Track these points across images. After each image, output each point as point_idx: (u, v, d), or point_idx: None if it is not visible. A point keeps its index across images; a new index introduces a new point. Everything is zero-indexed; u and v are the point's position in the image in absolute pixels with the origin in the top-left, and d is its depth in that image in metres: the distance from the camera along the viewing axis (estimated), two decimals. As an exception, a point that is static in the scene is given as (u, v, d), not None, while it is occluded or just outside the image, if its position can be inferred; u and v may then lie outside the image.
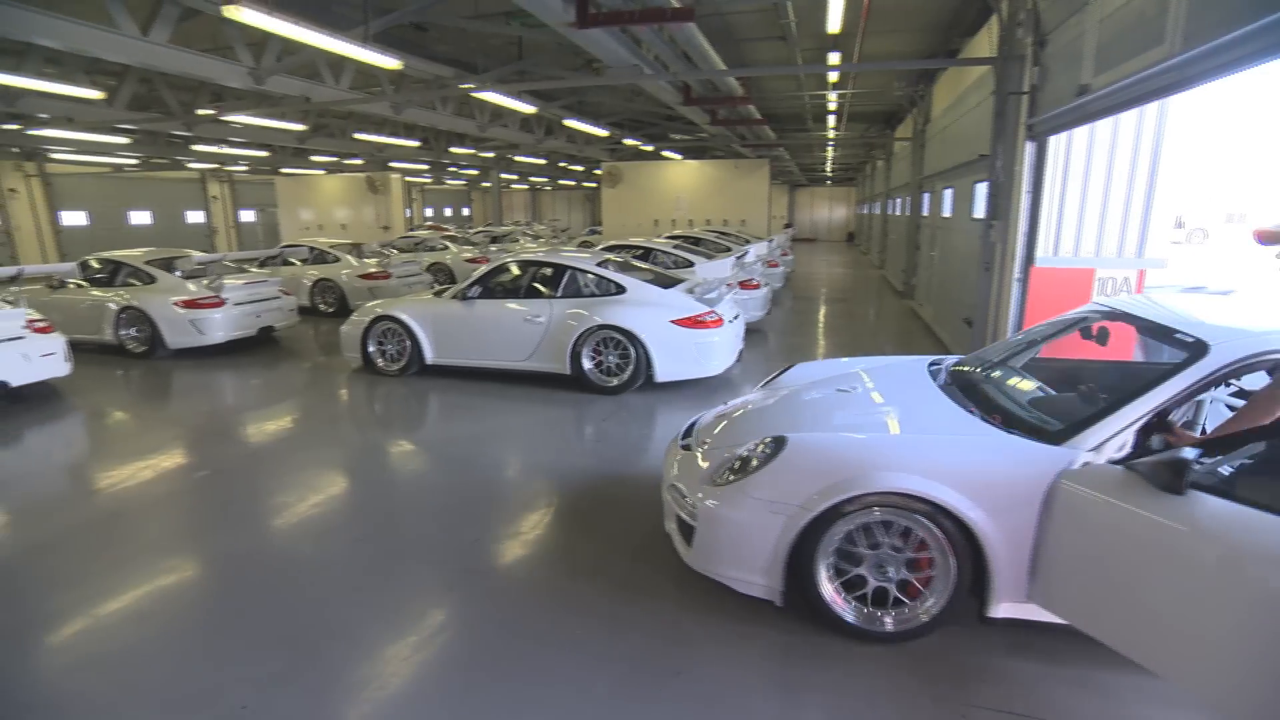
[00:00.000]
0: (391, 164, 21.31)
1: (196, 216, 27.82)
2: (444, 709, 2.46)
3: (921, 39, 10.02)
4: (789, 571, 2.76)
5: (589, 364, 6.40)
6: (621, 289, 6.54)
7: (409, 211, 24.94)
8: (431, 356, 7.02)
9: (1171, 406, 2.46)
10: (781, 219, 34.64)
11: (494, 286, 6.96)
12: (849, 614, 2.76)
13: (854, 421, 3.18)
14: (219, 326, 8.13)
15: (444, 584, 3.30)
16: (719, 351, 6.39)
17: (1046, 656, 2.69)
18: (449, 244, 15.22)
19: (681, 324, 6.21)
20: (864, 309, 12.73)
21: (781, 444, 2.83)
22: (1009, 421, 2.81)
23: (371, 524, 3.95)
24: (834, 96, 13.58)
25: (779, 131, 18.36)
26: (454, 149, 18.26)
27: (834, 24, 6.83)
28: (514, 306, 6.69)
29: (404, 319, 6.98)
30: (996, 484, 2.56)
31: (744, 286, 8.80)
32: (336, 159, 20.25)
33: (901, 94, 14.02)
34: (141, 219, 25.51)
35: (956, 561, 2.61)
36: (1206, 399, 3.23)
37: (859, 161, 27.77)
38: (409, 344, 7.01)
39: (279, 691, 2.53)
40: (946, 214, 10.00)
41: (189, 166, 23.12)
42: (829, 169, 30.92)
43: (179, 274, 8.40)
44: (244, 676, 2.61)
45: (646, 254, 9.63)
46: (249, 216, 29.82)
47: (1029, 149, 5.67)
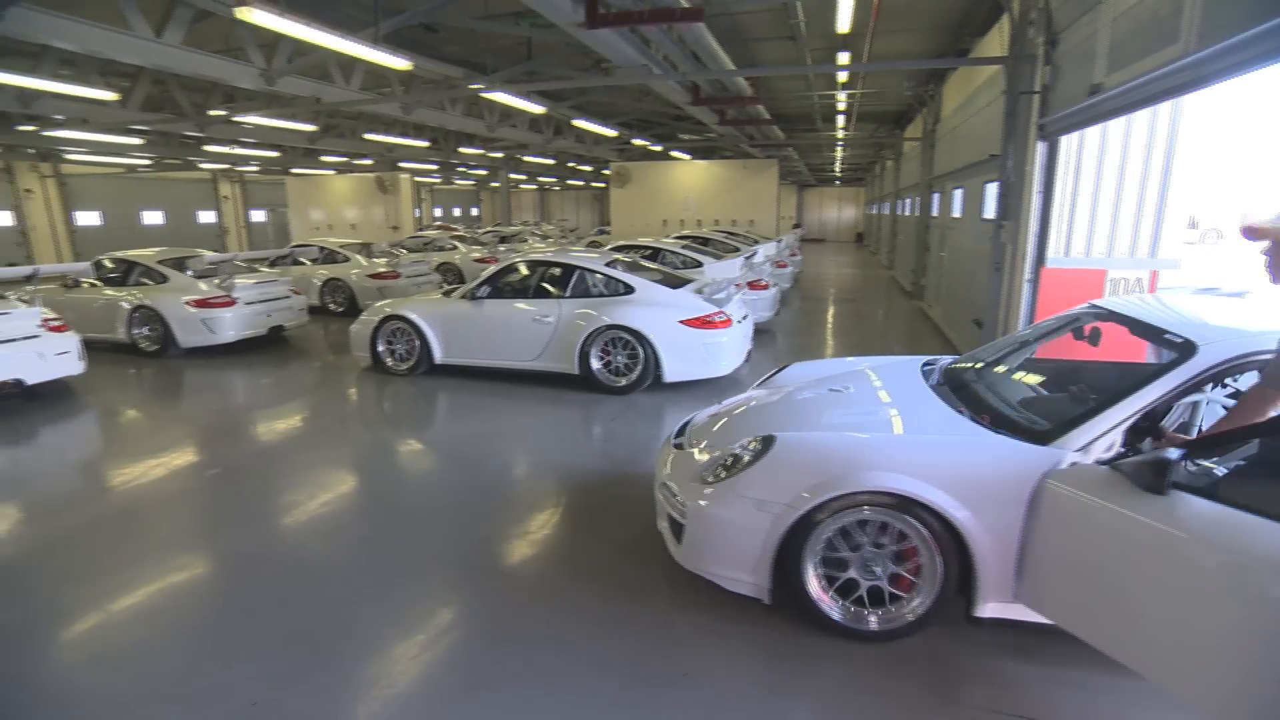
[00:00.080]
0: (401, 164, 21.42)
1: (208, 216, 28.05)
2: (451, 708, 2.46)
3: (932, 38, 9.97)
4: (777, 570, 2.77)
5: (597, 364, 6.40)
6: (630, 289, 6.54)
7: (418, 211, 25.04)
8: (440, 356, 7.05)
9: (1160, 407, 2.45)
10: (790, 219, 34.53)
11: (503, 286, 6.97)
12: (835, 612, 2.77)
13: (843, 421, 3.20)
14: (230, 325, 8.19)
15: (452, 583, 3.31)
16: (728, 352, 6.38)
17: (1030, 656, 2.69)
18: (458, 244, 15.27)
19: (690, 324, 6.21)
20: (872, 309, 12.68)
21: (770, 443, 2.85)
22: (998, 421, 2.81)
23: (380, 523, 3.97)
24: (843, 96, 13.53)
25: (788, 132, 18.31)
26: (463, 149, 18.32)
27: (844, 24, 6.81)
28: (523, 306, 6.71)
29: (413, 319, 7.00)
30: (983, 483, 2.56)
31: (752, 287, 8.79)
32: (346, 159, 20.36)
33: (911, 94, 13.97)
34: (154, 219, 25.75)
35: (943, 561, 2.61)
36: (1202, 400, 3.22)
37: (868, 161, 27.66)
38: (418, 343, 7.04)
39: (288, 689, 2.54)
40: (956, 214, 9.94)
41: (201, 167, 23.32)
42: (838, 169, 30.81)
43: (191, 273, 8.47)
44: (253, 673, 2.63)
45: (655, 254, 9.62)
46: (259, 216, 30.04)
47: (1040, 149, 5.62)
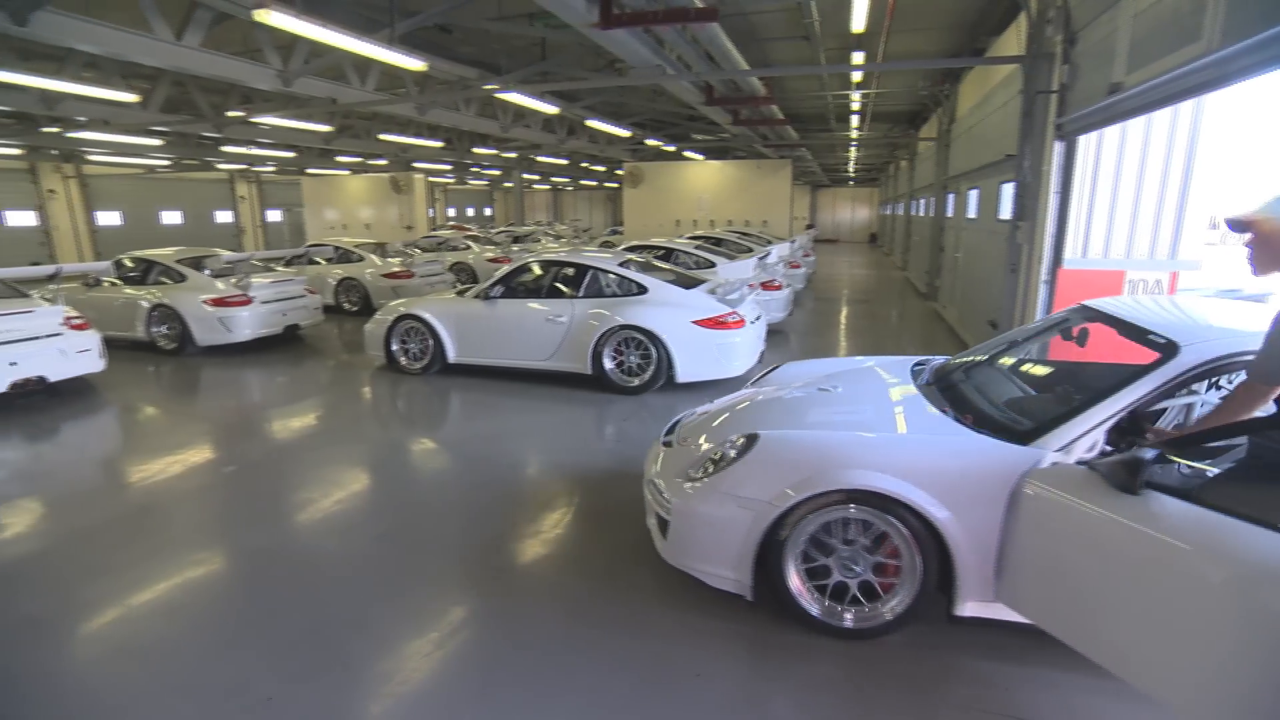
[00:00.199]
0: (415, 164, 21.55)
1: (225, 216, 28.36)
2: (464, 705, 2.48)
3: (947, 38, 9.89)
4: (759, 566, 2.79)
5: (610, 364, 6.41)
6: (643, 289, 6.54)
7: (432, 211, 25.19)
8: (454, 355, 7.08)
9: (1141, 407, 2.45)
10: (803, 220, 34.39)
11: (516, 286, 7.00)
12: (815, 608, 2.79)
13: (828, 419, 3.21)
14: (246, 324, 8.28)
15: (465, 582, 3.32)
16: (741, 352, 6.37)
17: (1010, 655, 2.69)
18: (471, 244, 15.35)
19: (703, 324, 6.20)
20: (886, 310, 12.60)
21: (753, 441, 2.88)
22: (980, 421, 2.82)
23: (394, 521, 4.00)
24: (857, 96, 13.45)
25: (801, 132, 18.24)
26: (477, 149, 18.40)
27: (858, 23, 6.77)
28: (536, 306, 6.73)
29: (427, 318, 7.05)
30: (962, 483, 2.56)
31: (766, 287, 8.76)
32: (361, 159, 20.51)
33: (926, 94, 13.86)
34: (173, 219, 26.08)
35: (922, 559, 2.62)
36: (1196, 402, 3.20)
37: (882, 162, 27.49)
38: (432, 343, 7.08)
39: (303, 684, 2.57)
40: (971, 215, 9.86)
41: (218, 167, 23.60)
42: (852, 169, 30.63)
43: (208, 273, 8.57)
44: (269, 669, 2.66)
45: (668, 254, 9.61)
46: (275, 216, 30.33)
47: (1058, 149, 5.56)
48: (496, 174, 28.58)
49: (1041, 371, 3.55)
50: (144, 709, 2.48)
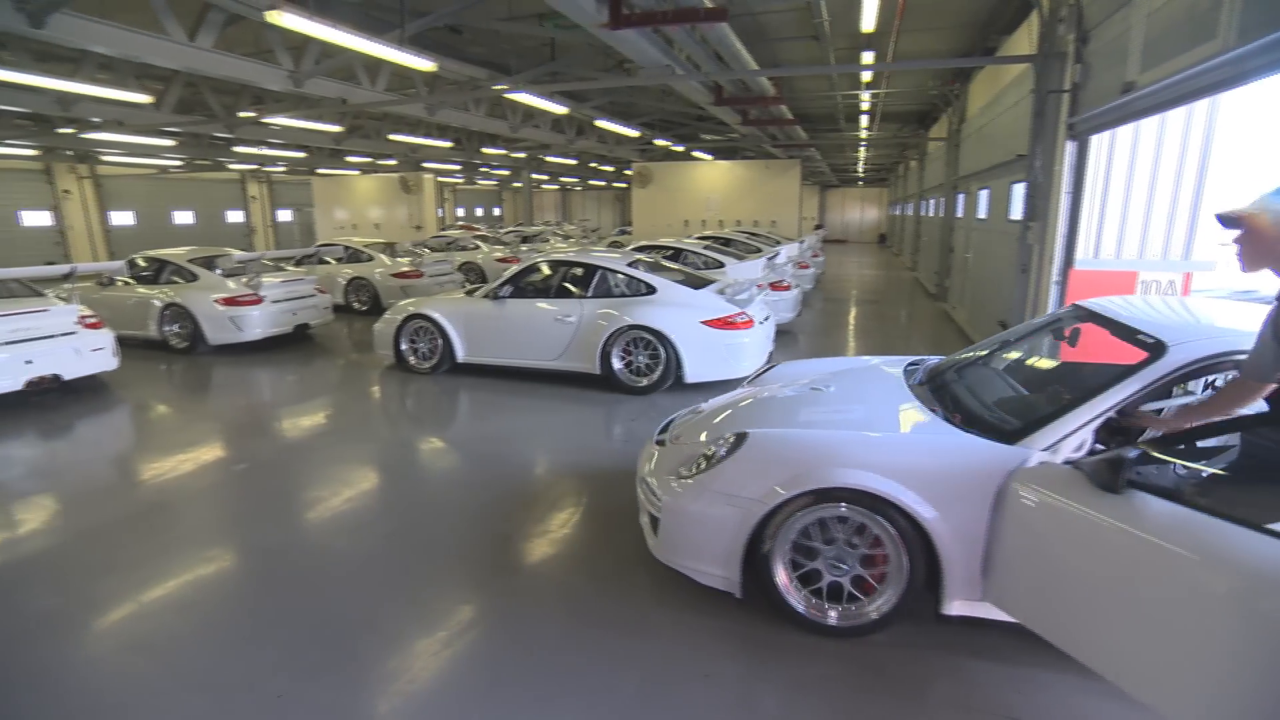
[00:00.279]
0: (425, 164, 21.62)
1: (236, 216, 28.57)
2: (472, 704, 2.48)
3: (957, 37, 9.84)
4: (747, 564, 2.80)
5: (619, 364, 6.41)
6: (652, 289, 6.54)
7: (441, 211, 25.28)
8: (463, 355, 7.11)
9: (1129, 406, 2.45)
10: (812, 220, 34.29)
11: (525, 286, 7.01)
12: (801, 605, 2.80)
13: (819, 418, 3.21)
14: (257, 323, 8.34)
15: (473, 581, 3.34)
16: (749, 353, 6.35)
17: (997, 655, 2.69)
18: (480, 244, 15.39)
19: (712, 325, 6.19)
20: (895, 311, 12.55)
21: (742, 439, 2.90)
22: (969, 421, 2.82)
23: (403, 520, 4.02)
24: (867, 96, 13.40)
25: (811, 132, 18.18)
26: (486, 149, 18.45)
27: (868, 23, 6.75)
28: (544, 306, 6.74)
29: (436, 317, 7.08)
30: (948, 482, 2.57)
31: (774, 288, 8.75)
32: (371, 160, 20.62)
33: (936, 93, 13.79)
34: (185, 219, 26.29)
35: (909, 558, 2.62)
36: (1193, 402, 3.16)
37: (892, 162, 27.37)
38: (441, 342, 7.11)
39: (313, 681, 2.59)
40: (982, 215, 9.79)
41: (230, 168, 23.79)
42: (861, 169, 30.54)
43: (219, 272, 8.63)
44: (279, 666, 2.68)
45: (677, 254, 9.62)
46: (286, 216, 30.53)
47: (1070, 148, 5.52)
48: (505, 174, 28.66)
49: (1034, 371, 3.55)
50: (156, 704, 2.50)
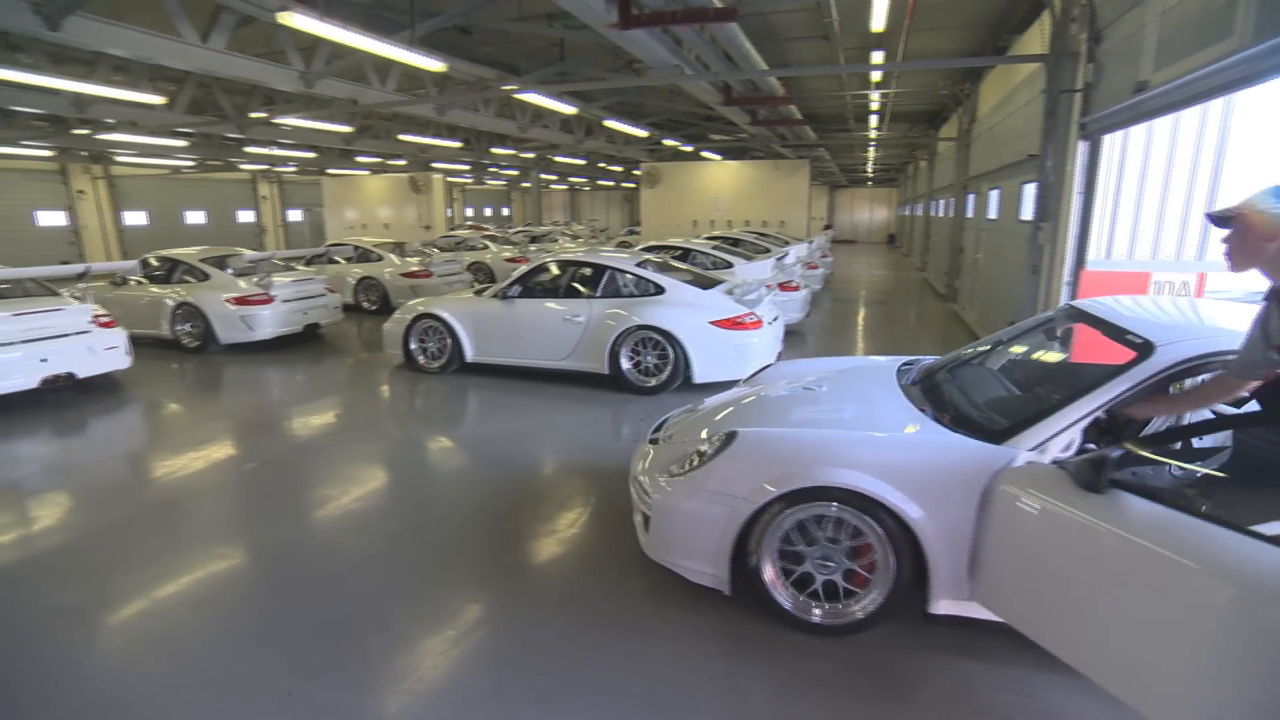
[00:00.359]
0: (434, 165, 21.72)
1: (247, 216, 28.78)
2: (479, 703, 2.49)
3: (968, 36, 9.78)
4: (735, 562, 2.83)
5: (627, 364, 6.41)
6: (660, 289, 6.54)
7: (450, 211, 25.36)
8: (471, 354, 7.13)
9: (1116, 406, 2.45)
10: (821, 220, 34.19)
11: (534, 286, 7.03)
12: (788, 603, 2.81)
13: (809, 418, 3.22)
14: (267, 323, 8.40)
15: (481, 580, 3.35)
16: (758, 353, 6.32)
17: (984, 654, 2.69)
18: (489, 243, 15.44)
19: (720, 325, 6.18)
20: (904, 311, 12.49)
21: (731, 438, 2.92)
22: (958, 421, 2.82)
23: (411, 519, 4.03)
24: (877, 96, 13.34)
25: (820, 132, 18.13)
26: (495, 150, 18.50)
27: (878, 22, 6.73)
28: (553, 306, 6.75)
29: (445, 317, 7.10)
30: (936, 481, 2.57)
31: (783, 288, 8.72)
32: (381, 160, 20.71)
33: (946, 93, 13.72)
34: (196, 219, 26.51)
35: (895, 557, 2.63)
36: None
37: (901, 162, 27.24)
38: (450, 342, 7.13)
39: (322, 679, 2.60)
40: (992, 215, 9.74)
41: (241, 168, 23.96)
42: (870, 170, 30.40)
43: (231, 271, 8.69)
44: (289, 663, 2.69)
45: (685, 254, 9.60)
46: (296, 216, 30.73)
47: (1082, 148, 5.48)
48: (514, 174, 28.71)
49: (1027, 371, 3.54)
50: (167, 700, 2.52)
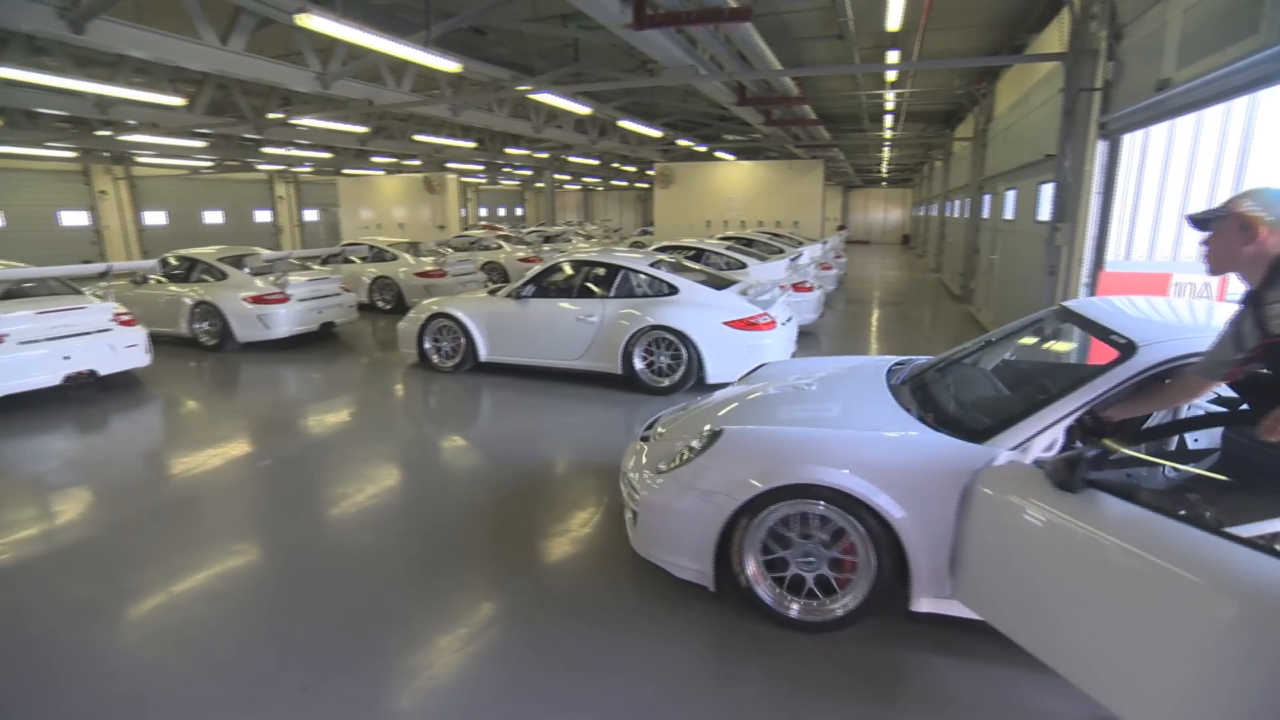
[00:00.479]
0: (448, 165, 21.83)
1: (264, 216, 29.08)
2: (492, 701, 2.50)
3: (985, 35, 9.69)
4: (720, 558, 2.85)
5: (640, 364, 6.41)
6: (674, 290, 6.54)
7: (464, 211, 25.49)
8: (485, 354, 7.16)
9: (1099, 406, 2.45)
10: (835, 221, 34.01)
11: (547, 286, 7.04)
12: (769, 598, 2.83)
13: (795, 416, 3.24)
14: (284, 322, 8.47)
15: (495, 579, 3.36)
16: (771, 354, 6.28)
17: (965, 651, 2.69)
18: (503, 243, 15.50)
19: (734, 326, 6.17)
20: (919, 313, 12.40)
21: (717, 436, 2.96)
22: (941, 420, 2.82)
23: (426, 517, 4.06)
24: (892, 96, 13.25)
25: (834, 132, 18.04)
26: (509, 150, 18.57)
27: (894, 21, 6.69)
28: (567, 306, 6.76)
29: (459, 316, 7.13)
30: (916, 480, 2.59)
31: (797, 289, 8.68)
32: (396, 160, 20.86)
33: (962, 93, 13.61)
34: (214, 218, 26.83)
35: (876, 555, 2.64)
36: (1195, 400, 3.09)
37: (916, 162, 27.05)
38: (463, 341, 7.16)
39: (337, 674, 2.62)
40: (1009, 216, 9.64)
41: (258, 168, 24.23)
42: (884, 170, 30.20)
43: (248, 271, 8.78)
44: (304, 658, 2.72)
45: (699, 255, 9.58)
46: (312, 216, 31.02)
47: (1101, 148, 5.42)
48: (528, 174, 28.81)
49: (1016, 371, 3.52)
50: (185, 692, 2.55)
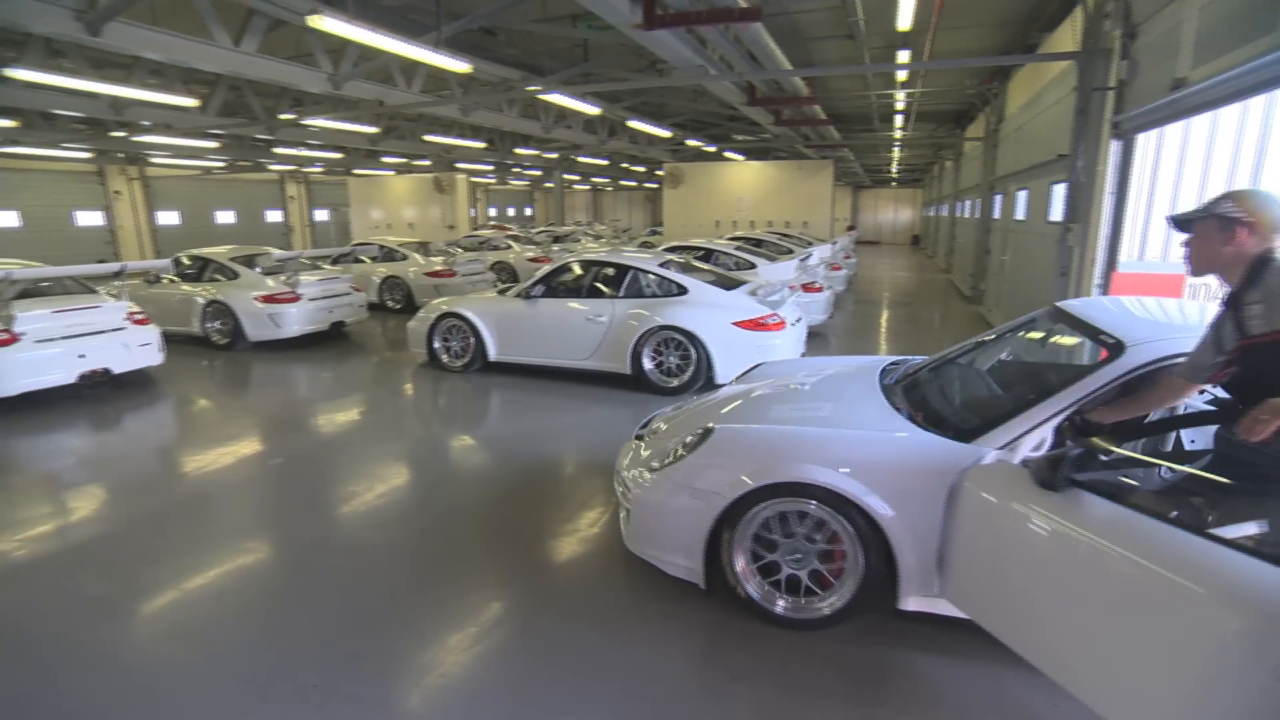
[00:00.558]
0: (458, 165, 21.90)
1: (275, 216, 29.26)
2: (502, 699, 2.51)
3: (997, 34, 9.63)
4: (710, 556, 2.87)
5: (649, 364, 6.41)
6: (683, 290, 6.53)
7: (474, 211, 25.57)
8: (494, 353, 7.18)
9: (1087, 405, 2.45)
10: (844, 221, 33.89)
11: (556, 286, 7.06)
12: (756, 594, 2.85)
13: (786, 415, 3.24)
14: (294, 321, 8.53)
15: (504, 578, 3.37)
16: (781, 354, 6.27)
17: (950, 650, 2.69)
18: (512, 243, 15.53)
19: (743, 326, 6.16)
20: (928, 313, 12.33)
21: (708, 434, 3.00)
22: (931, 420, 2.83)
23: (435, 516, 4.07)
24: (902, 95, 13.19)
25: (844, 132, 17.96)
26: (519, 150, 18.61)
27: (905, 21, 6.64)
28: (576, 306, 6.77)
29: (468, 316, 7.16)
30: (903, 478, 2.60)
31: (806, 289, 8.66)
32: (406, 160, 20.95)
33: (973, 92, 13.52)
34: (226, 218, 27.03)
35: (864, 554, 2.65)
36: (1179, 403, 3.06)
37: (926, 162, 26.91)
38: (473, 341, 7.19)
39: (346, 672, 2.64)
40: (1020, 216, 9.57)
41: (269, 169, 24.39)
42: (894, 170, 30.08)
43: (259, 270, 8.85)
44: (314, 656, 2.74)
45: (708, 255, 9.58)
46: (323, 216, 31.19)
47: (1114, 148, 5.37)
48: (537, 174, 28.87)
49: (1008, 371, 3.52)
50: (196, 689, 2.58)
